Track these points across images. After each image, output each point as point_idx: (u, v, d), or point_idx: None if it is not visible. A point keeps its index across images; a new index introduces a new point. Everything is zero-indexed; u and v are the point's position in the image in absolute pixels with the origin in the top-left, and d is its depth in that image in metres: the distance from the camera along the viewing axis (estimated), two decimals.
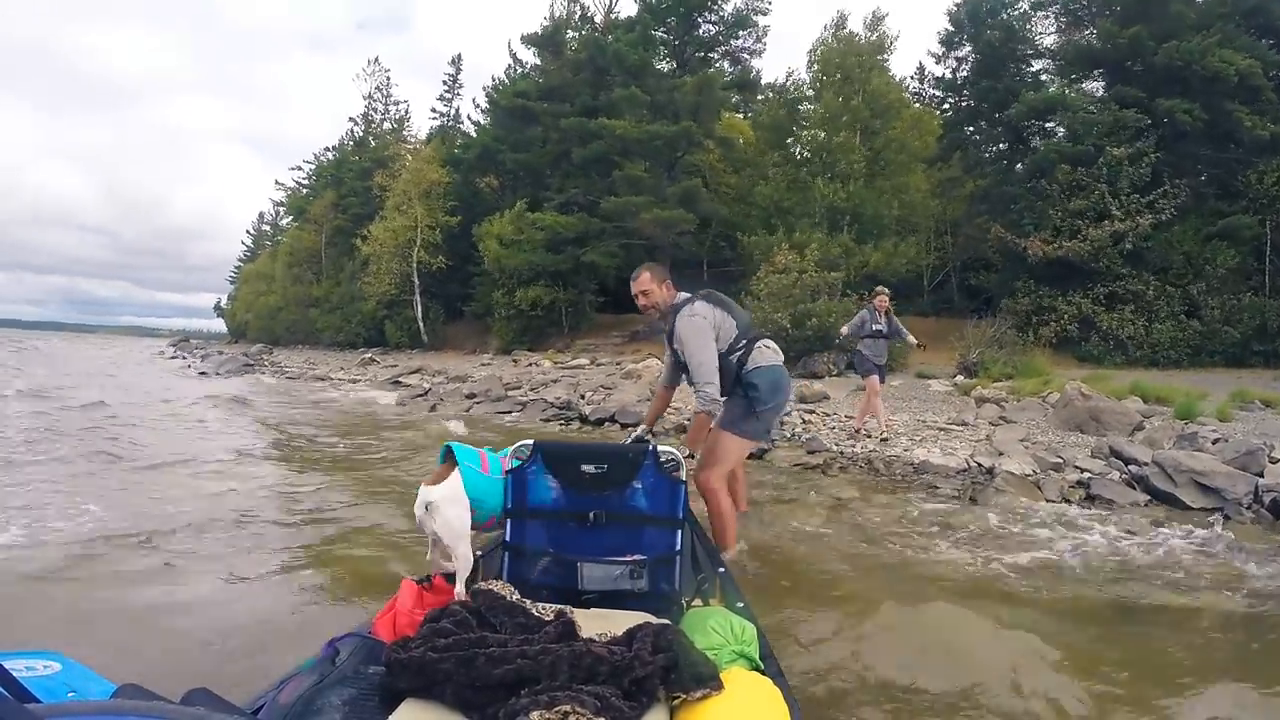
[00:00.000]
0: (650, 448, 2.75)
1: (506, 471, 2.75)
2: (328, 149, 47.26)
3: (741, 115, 29.73)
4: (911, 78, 25.64)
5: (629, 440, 3.90)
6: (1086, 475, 6.81)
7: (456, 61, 42.98)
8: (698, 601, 2.62)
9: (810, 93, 23.31)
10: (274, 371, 27.09)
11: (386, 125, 43.59)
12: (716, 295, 3.94)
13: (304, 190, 48.14)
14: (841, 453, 8.23)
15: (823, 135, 22.27)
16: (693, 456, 3.67)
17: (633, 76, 26.01)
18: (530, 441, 2.80)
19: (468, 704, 1.62)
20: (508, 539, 2.76)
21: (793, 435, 9.13)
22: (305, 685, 1.69)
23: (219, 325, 54.61)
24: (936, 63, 25.20)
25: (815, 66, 22.67)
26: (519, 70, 34.93)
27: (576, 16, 31.49)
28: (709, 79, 24.78)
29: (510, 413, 12.44)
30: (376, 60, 44.33)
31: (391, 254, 32.92)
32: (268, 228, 54.08)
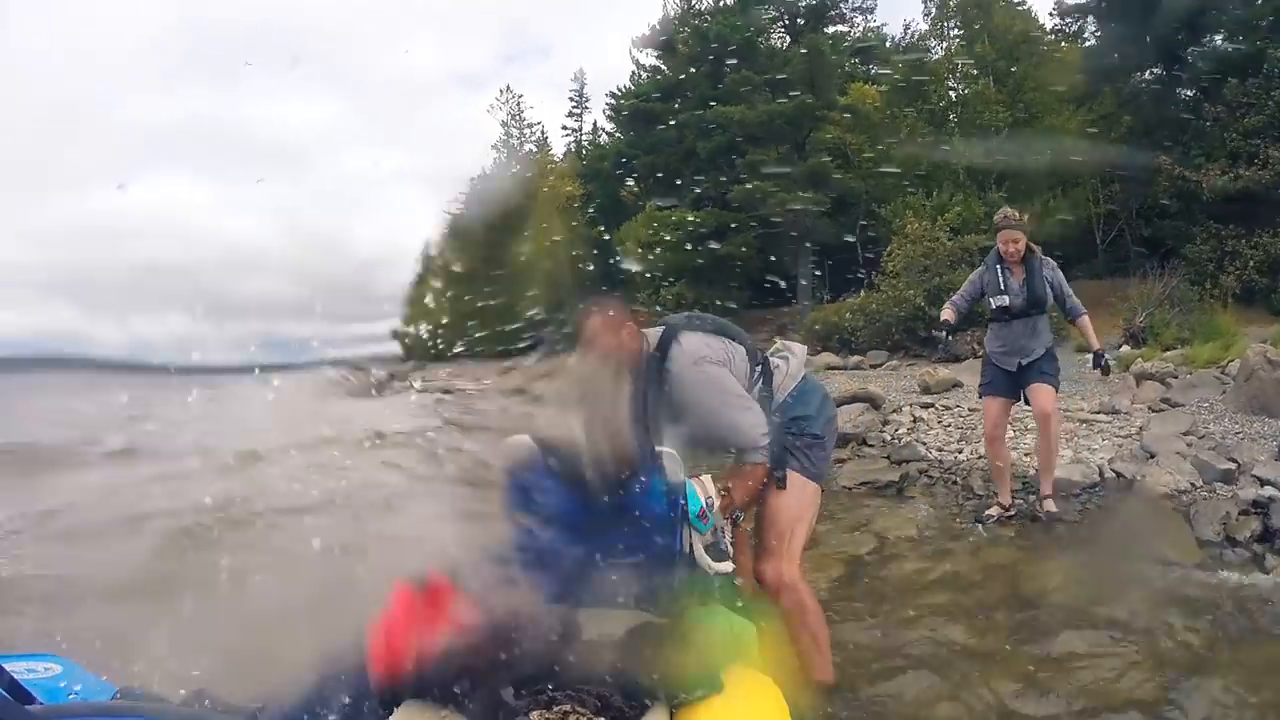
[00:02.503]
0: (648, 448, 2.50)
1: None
2: (473, 178, 49.39)
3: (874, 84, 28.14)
4: (1050, 14, 22.84)
5: None
6: (1267, 492, 4.61)
7: (580, 77, 43.64)
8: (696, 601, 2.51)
9: (933, 42, 21.54)
10: (404, 387, 28.56)
11: (526, 148, 44.93)
12: (701, 318, 2.81)
13: (461, 217, 50.56)
14: (940, 461, 6.53)
15: (954, 89, 20.55)
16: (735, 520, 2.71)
17: (742, 59, 25.18)
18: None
19: (459, 683, 1.58)
20: None
21: (892, 438, 7.48)
22: (305, 686, 1.65)
23: (397, 348, 58.10)
24: None
25: (932, 14, 20.97)
26: (642, 75, 34.91)
27: (687, 10, 31.00)
28: (817, 45, 23.57)
29: None
30: (508, 88, 45.74)
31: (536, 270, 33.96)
32: (434, 254, 57.27)
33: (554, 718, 1.47)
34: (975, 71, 19.57)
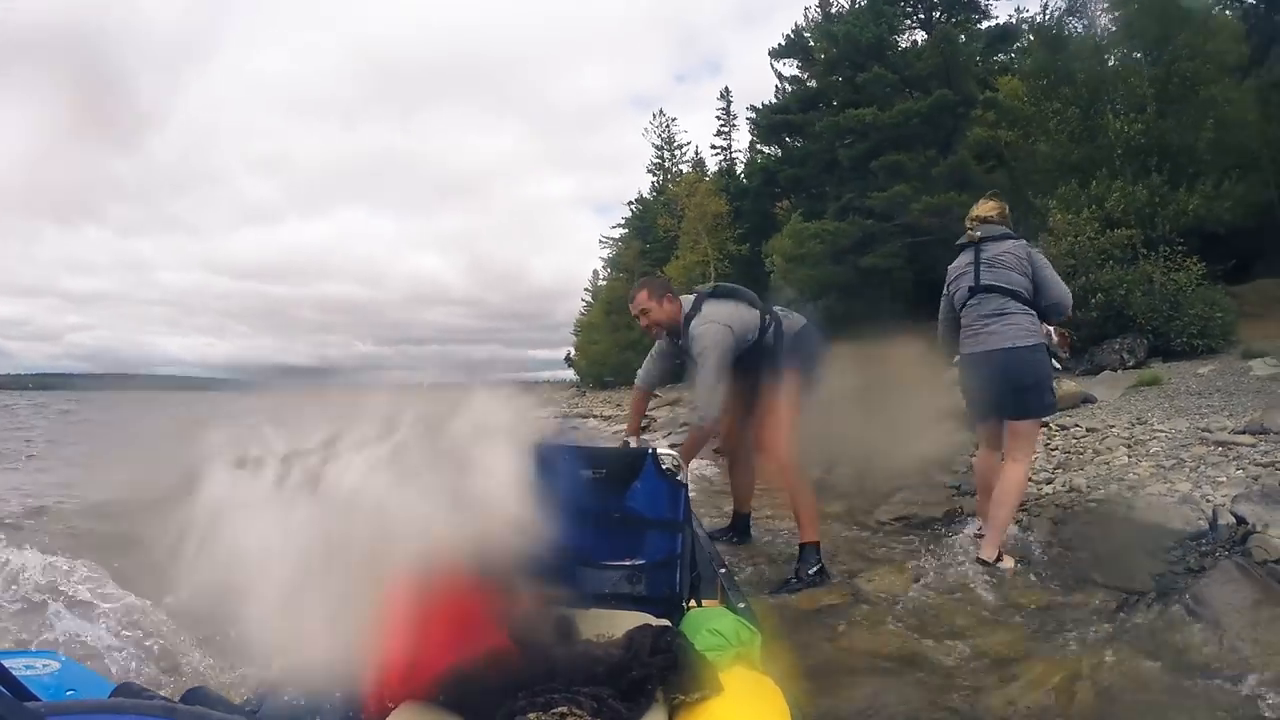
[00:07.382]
0: (650, 450, 2.63)
1: None
2: (630, 202, 50.58)
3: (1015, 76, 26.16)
4: None
5: None
6: None
7: (726, 95, 43.72)
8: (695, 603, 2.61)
9: (1071, 20, 19.56)
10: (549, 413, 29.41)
11: (679, 169, 45.49)
12: (723, 288, 4.01)
13: (622, 244, 51.90)
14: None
15: (1101, 66, 18.59)
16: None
17: (875, 58, 24.20)
18: None
19: (465, 705, 1.60)
20: None
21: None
22: (305, 684, 1.63)
23: (571, 375, 60.95)
24: None
25: None
26: (786, 89, 34.49)
27: (825, 14, 30.33)
28: (948, 35, 22.16)
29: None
30: (661, 112, 46.85)
31: (686, 289, 34.26)
32: (603, 282, 58.99)
33: (551, 719, 1.47)
34: (1123, 45, 17.55)
